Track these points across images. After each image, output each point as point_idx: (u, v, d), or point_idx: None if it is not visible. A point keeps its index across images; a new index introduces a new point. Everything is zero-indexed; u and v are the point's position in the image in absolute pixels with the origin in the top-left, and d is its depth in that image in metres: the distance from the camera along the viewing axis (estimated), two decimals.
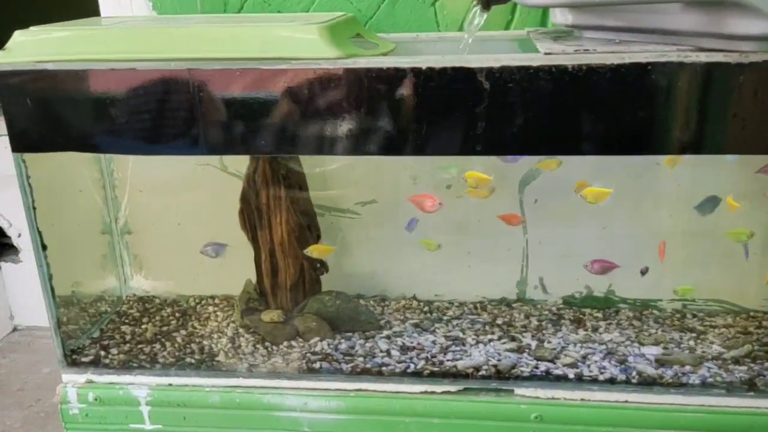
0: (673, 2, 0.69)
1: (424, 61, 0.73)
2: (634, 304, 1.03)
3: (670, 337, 0.94)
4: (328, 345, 0.94)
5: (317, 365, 0.90)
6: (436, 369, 0.88)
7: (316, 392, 0.87)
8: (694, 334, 0.94)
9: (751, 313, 0.99)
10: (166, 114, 0.79)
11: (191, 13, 1.08)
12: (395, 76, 0.74)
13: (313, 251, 0.98)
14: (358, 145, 0.77)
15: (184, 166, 1.05)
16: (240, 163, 1.03)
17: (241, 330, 1.00)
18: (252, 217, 0.99)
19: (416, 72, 0.73)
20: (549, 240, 1.01)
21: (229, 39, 0.77)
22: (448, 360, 0.89)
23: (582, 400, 0.84)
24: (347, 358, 0.91)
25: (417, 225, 1.01)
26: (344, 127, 0.76)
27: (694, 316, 0.99)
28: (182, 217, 1.08)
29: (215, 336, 0.99)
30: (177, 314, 1.06)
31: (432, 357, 0.90)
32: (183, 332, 1.00)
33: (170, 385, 0.90)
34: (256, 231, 0.99)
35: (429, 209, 0.95)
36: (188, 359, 0.93)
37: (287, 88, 0.76)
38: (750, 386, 0.83)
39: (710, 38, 0.68)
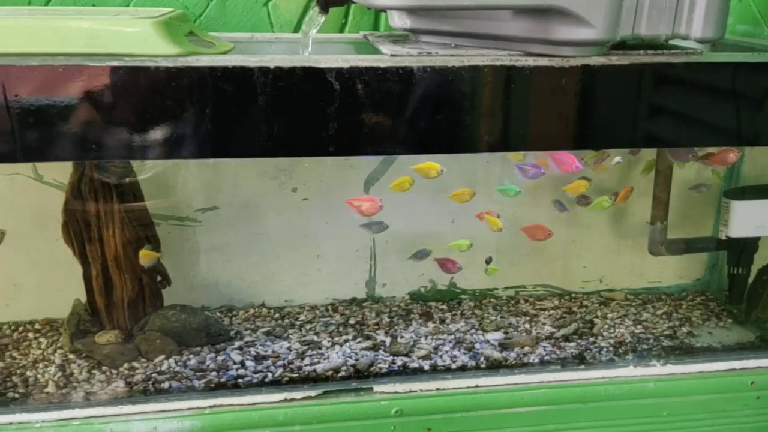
0: (504, 8, 0.74)
1: (271, 61, 0.71)
2: (474, 294, 1.09)
3: (509, 322, 1.01)
4: (176, 362, 0.88)
5: (165, 385, 0.84)
6: (294, 375, 0.86)
7: (166, 414, 0.81)
8: (528, 318, 1.02)
9: (573, 295, 1.10)
10: None
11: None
12: (242, 75, 0.71)
13: (142, 257, 0.90)
14: (202, 147, 0.73)
15: None
16: (57, 171, 0.93)
17: (71, 356, 0.90)
18: (79, 230, 0.90)
19: (264, 71, 0.71)
20: (394, 238, 1.04)
21: (50, 33, 0.69)
22: (306, 365, 0.88)
23: (437, 389, 0.87)
24: (198, 374, 0.86)
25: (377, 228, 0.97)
26: (184, 128, 0.72)
27: (526, 301, 1.08)
28: None
29: (41, 365, 0.88)
30: None
31: (289, 363, 0.88)
32: (0, 364, 0.88)
33: None
34: (84, 245, 0.90)
35: (368, 212, 0.92)
36: (10, 394, 0.82)
37: (116, 86, 0.69)
38: (580, 360, 0.92)
39: (538, 44, 0.75)
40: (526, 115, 0.77)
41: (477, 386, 0.88)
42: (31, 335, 0.95)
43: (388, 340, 0.94)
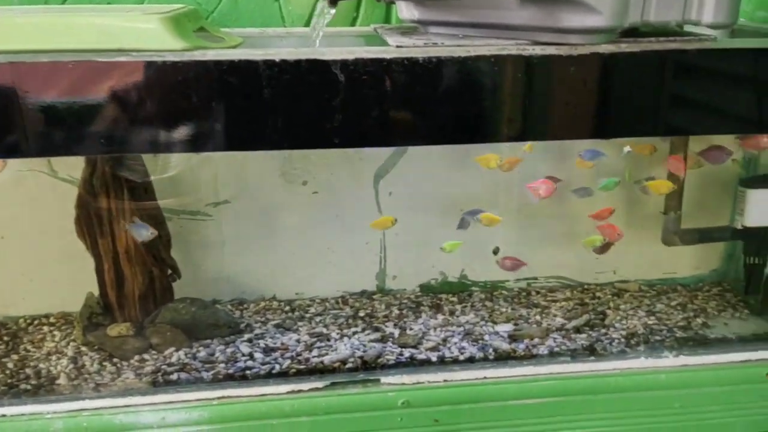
0: None
1: (276, 54, 0.71)
2: (485, 285, 1.09)
3: (519, 313, 1.00)
4: (185, 354, 0.89)
5: (174, 376, 0.85)
6: (302, 367, 0.86)
7: (174, 405, 0.82)
8: (539, 309, 1.02)
9: (585, 286, 1.09)
10: None
11: (8, 5, 0.97)
12: (247, 68, 0.71)
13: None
14: (209, 141, 0.73)
15: (5, 171, 0.93)
16: (71, 167, 0.94)
17: (84, 348, 0.91)
18: (91, 224, 0.91)
19: (269, 64, 0.71)
20: (404, 230, 1.04)
21: (63, 29, 0.70)
22: (313, 357, 0.88)
23: (445, 381, 0.87)
24: (207, 365, 0.87)
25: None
26: (190, 122, 0.72)
27: (538, 292, 1.07)
28: (3, 230, 0.96)
29: (54, 357, 0.89)
30: (5, 338, 0.94)
31: (297, 355, 0.88)
32: (14, 357, 0.89)
33: (3, 416, 0.79)
34: (96, 239, 0.91)
35: (546, 194, 0.93)
36: (23, 386, 0.83)
37: (127, 82, 0.70)
38: (590, 351, 0.91)
39: (545, 32, 0.74)
40: (532, 105, 0.76)
41: (485, 378, 0.88)
42: (45, 328, 0.97)
43: (396, 332, 0.94)
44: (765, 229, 0.95)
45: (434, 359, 0.88)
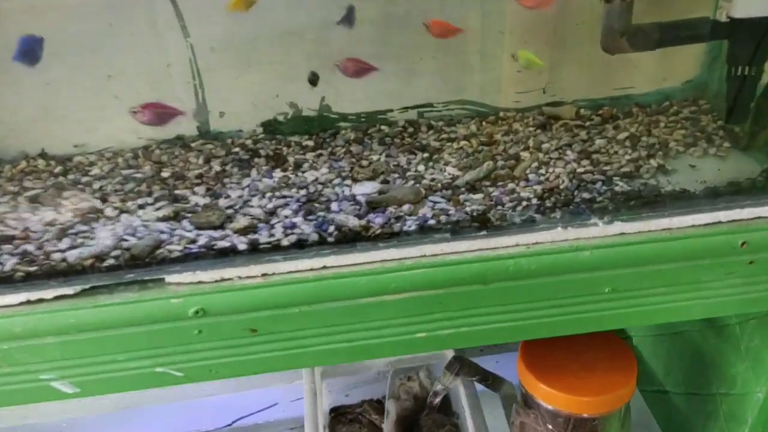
0: None
1: None
2: (359, 119, 0.77)
3: (396, 163, 0.69)
4: None
5: None
6: (47, 264, 0.58)
7: None
8: (426, 155, 0.70)
9: (502, 114, 0.77)
10: None
11: None
12: None
13: None
14: None
15: None
16: None
17: None
18: None
19: None
20: (227, 42, 0.69)
21: None
22: (66, 249, 0.59)
23: (263, 275, 0.59)
24: None
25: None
26: None
27: (431, 127, 0.75)
28: None
29: None
30: None
31: (41, 247, 0.59)
32: None
33: None
34: None
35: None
36: None
37: None
38: (482, 223, 0.61)
39: None
40: None
41: (324, 267, 0.60)
42: None
43: (204, 201, 0.64)
44: (761, 22, 0.60)
45: (243, 246, 0.59)
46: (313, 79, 0.64)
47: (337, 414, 1.08)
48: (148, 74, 0.69)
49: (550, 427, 0.78)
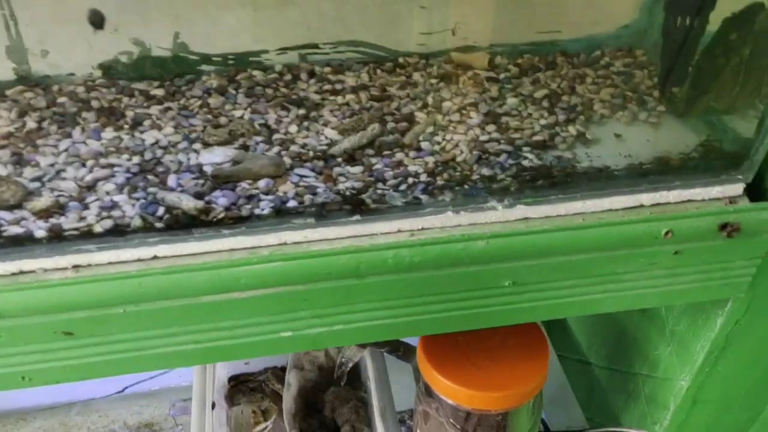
0: None
1: None
2: (225, 62, 0.62)
3: (262, 121, 0.56)
4: None
5: None
6: None
7: None
8: (302, 111, 0.57)
9: (402, 59, 0.63)
10: None
11: None
12: None
13: None
14: None
15: None
16: None
17: None
18: None
19: None
20: None
21: None
22: None
23: (75, 268, 0.47)
24: None
25: None
26: None
27: (312, 74, 0.61)
28: None
29: None
30: None
31: None
32: None
33: None
34: None
35: None
36: None
37: None
38: (355, 205, 0.49)
39: None
40: None
41: (155, 258, 0.48)
42: None
43: (6, 171, 0.50)
44: None
45: (42, 233, 0.46)
46: (96, 20, 0.49)
47: (237, 382, 0.99)
48: None
49: (452, 421, 0.70)
